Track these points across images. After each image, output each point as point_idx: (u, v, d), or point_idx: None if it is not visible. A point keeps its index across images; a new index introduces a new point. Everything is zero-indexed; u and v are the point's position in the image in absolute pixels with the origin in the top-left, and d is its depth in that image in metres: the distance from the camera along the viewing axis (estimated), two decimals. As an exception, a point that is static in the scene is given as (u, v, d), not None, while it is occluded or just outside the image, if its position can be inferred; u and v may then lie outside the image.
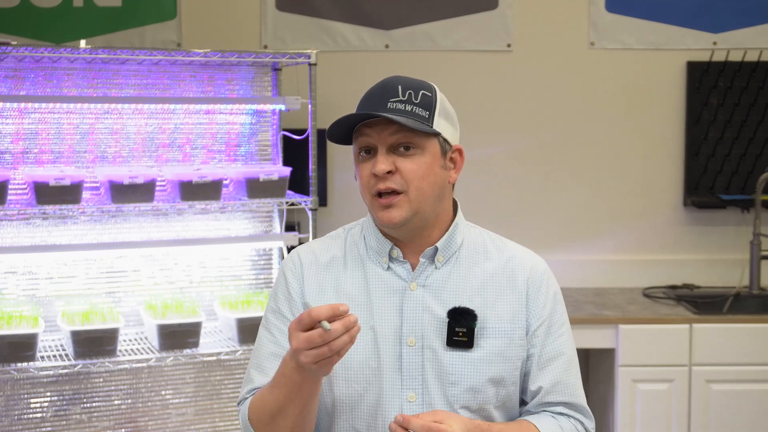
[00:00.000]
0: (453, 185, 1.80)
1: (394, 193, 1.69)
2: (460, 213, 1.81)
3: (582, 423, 1.80)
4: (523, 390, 1.80)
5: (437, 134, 1.71)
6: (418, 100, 1.69)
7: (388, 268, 1.76)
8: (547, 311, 1.78)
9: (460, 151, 1.78)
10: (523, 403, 1.82)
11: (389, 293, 1.74)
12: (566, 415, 1.79)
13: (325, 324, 1.47)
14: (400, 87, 1.70)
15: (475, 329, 1.71)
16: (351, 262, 1.79)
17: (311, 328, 1.49)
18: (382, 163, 1.68)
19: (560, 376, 1.78)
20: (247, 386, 1.81)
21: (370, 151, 1.71)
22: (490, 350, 1.72)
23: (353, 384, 1.72)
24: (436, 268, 1.76)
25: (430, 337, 1.72)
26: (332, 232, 1.88)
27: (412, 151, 1.69)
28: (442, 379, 1.71)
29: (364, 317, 1.74)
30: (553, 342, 1.78)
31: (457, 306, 1.72)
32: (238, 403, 1.85)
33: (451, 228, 1.78)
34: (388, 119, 1.66)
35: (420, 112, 1.69)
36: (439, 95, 1.74)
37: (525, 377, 1.79)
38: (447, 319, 1.71)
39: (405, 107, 1.68)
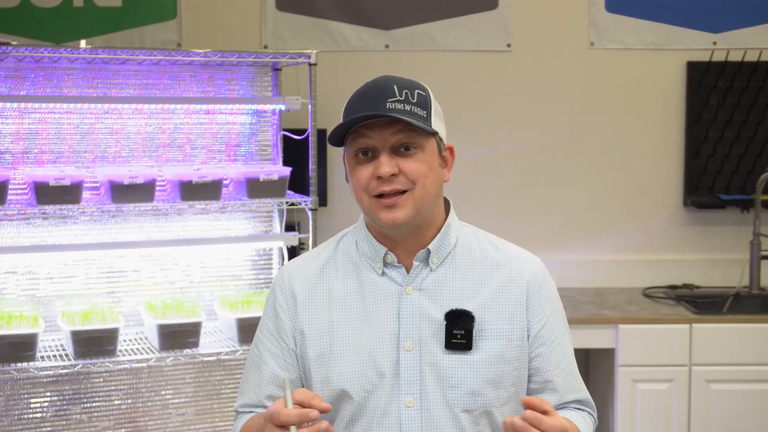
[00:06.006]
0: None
1: (398, 192, 1.67)
2: (452, 213, 1.80)
3: (591, 415, 1.82)
4: (531, 393, 1.79)
5: (435, 133, 1.71)
6: (415, 100, 1.68)
7: (383, 273, 1.74)
8: (549, 311, 1.77)
9: (451, 150, 1.78)
10: None
11: (385, 298, 1.73)
12: (579, 409, 1.81)
13: (293, 429, 1.51)
14: (395, 87, 1.67)
15: (474, 331, 1.70)
16: (344, 270, 1.77)
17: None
18: (387, 165, 1.66)
19: (569, 377, 1.79)
20: (239, 398, 1.85)
21: (367, 153, 1.69)
22: (490, 352, 1.71)
23: (350, 391, 1.70)
24: (431, 270, 1.74)
25: (428, 341, 1.70)
26: (322, 244, 1.87)
27: (413, 151, 1.68)
28: (442, 382, 1.69)
29: (360, 324, 1.73)
30: (559, 346, 1.78)
31: (454, 308, 1.71)
32: (235, 412, 1.88)
33: (443, 228, 1.76)
34: (396, 119, 1.64)
35: (419, 112, 1.67)
36: (431, 94, 1.73)
37: (534, 381, 1.77)
38: (445, 322, 1.70)
39: (404, 107, 1.66)
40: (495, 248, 1.80)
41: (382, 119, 1.65)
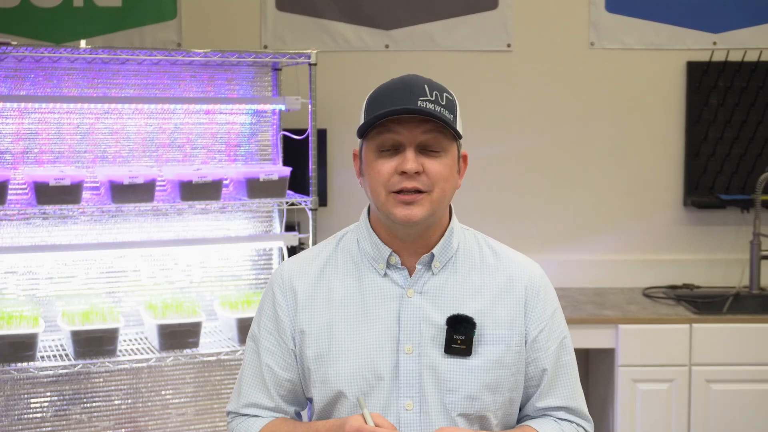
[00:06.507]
0: None
1: (417, 191, 1.66)
2: (454, 217, 1.80)
3: (583, 427, 1.80)
4: (527, 398, 1.79)
5: (459, 138, 1.70)
6: (444, 102, 1.67)
7: (385, 274, 1.74)
8: (547, 317, 1.77)
9: (465, 158, 1.77)
10: (522, 406, 1.82)
11: (386, 300, 1.72)
12: (568, 420, 1.79)
13: None
14: (426, 87, 1.66)
15: (474, 336, 1.70)
16: (344, 270, 1.77)
17: None
18: (413, 161, 1.65)
19: (564, 384, 1.78)
20: (237, 399, 1.82)
21: (390, 148, 1.68)
22: (488, 357, 1.71)
23: (349, 393, 1.70)
24: (433, 274, 1.74)
25: (427, 345, 1.70)
26: (322, 242, 1.86)
27: (437, 153, 1.67)
28: (440, 386, 1.69)
29: (360, 325, 1.72)
30: (555, 352, 1.77)
31: (456, 314, 1.70)
32: (228, 413, 1.85)
33: (447, 233, 1.76)
34: (429, 118, 1.64)
35: (447, 115, 1.66)
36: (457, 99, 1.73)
37: (529, 386, 1.77)
38: (445, 327, 1.70)
39: (434, 108, 1.64)
40: (494, 253, 1.80)
41: (413, 116, 1.64)
